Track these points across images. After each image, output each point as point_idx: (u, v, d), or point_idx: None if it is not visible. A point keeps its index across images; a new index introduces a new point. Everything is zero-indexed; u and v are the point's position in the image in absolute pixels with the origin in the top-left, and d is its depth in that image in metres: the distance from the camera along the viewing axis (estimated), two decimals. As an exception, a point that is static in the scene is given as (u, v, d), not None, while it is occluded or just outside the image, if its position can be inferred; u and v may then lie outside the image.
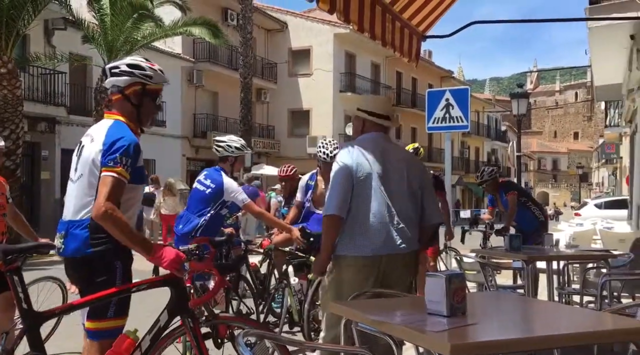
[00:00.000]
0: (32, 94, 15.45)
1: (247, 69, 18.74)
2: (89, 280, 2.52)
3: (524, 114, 13.59)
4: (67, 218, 2.57)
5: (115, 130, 2.53)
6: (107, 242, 2.48)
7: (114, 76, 2.62)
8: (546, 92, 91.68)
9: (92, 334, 2.55)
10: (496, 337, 1.90)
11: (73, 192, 2.59)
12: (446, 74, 37.91)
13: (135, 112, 2.65)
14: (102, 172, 2.43)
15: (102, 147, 2.48)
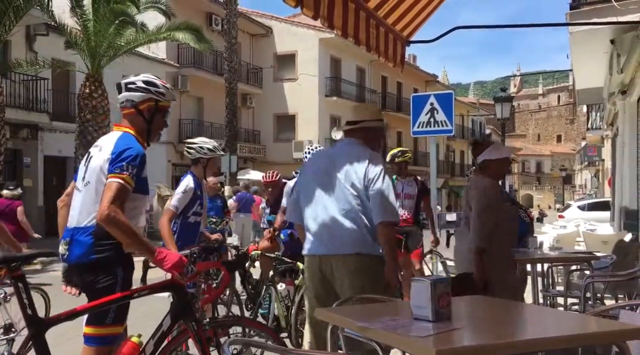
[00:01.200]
0: (14, 101, 15.26)
1: (232, 74, 18.70)
2: (93, 286, 2.58)
3: (508, 118, 13.72)
4: (72, 225, 2.64)
5: (123, 140, 2.64)
6: (111, 249, 2.57)
7: (129, 91, 2.72)
8: (529, 96, 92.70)
9: (89, 339, 2.58)
10: (481, 341, 1.91)
11: (79, 199, 2.66)
12: (431, 78, 38.18)
13: (146, 127, 2.78)
14: (108, 178, 2.53)
15: (110, 155, 2.58)
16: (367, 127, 3.24)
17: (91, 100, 14.75)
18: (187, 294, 2.76)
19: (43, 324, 2.47)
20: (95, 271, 2.57)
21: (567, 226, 10.07)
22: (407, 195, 6.33)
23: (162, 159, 21.29)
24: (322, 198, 3.11)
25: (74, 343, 5.37)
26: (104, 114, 15.01)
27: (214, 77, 23.14)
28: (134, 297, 2.66)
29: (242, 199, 12.55)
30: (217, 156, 4.37)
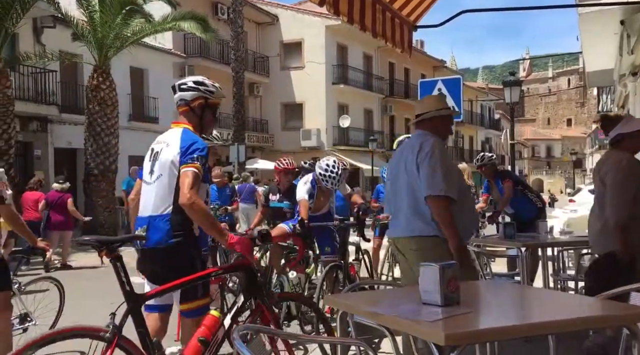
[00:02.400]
0: (23, 93, 15.33)
1: (239, 63, 18.68)
2: (171, 267, 2.84)
3: (517, 102, 13.59)
4: (147, 214, 2.91)
5: (186, 135, 2.93)
6: (186, 234, 2.84)
7: (182, 91, 3.04)
8: (539, 80, 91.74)
9: (186, 313, 2.92)
10: (490, 324, 1.91)
11: (152, 191, 2.93)
12: (438, 63, 37.87)
13: (199, 122, 3.05)
14: (182, 168, 2.80)
15: (179, 149, 2.86)
16: (430, 117, 3.42)
17: (99, 92, 14.80)
18: (255, 274, 3.04)
19: (139, 298, 2.75)
20: (173, 254, 2.83)
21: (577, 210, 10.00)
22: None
23: (171, 149, 21.37)
24: (393, 186, 3.45)
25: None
26: (112, 106, 15.07)
27: (220, 67, 23.10)
28: (212, 276, 3.03)
29: (241, 190, 12.87)
30: (213, 145, 4.32)
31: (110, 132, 15.02)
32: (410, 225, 3.25)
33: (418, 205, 3.22)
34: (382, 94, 31.23)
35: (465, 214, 3.27)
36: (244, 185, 13.74)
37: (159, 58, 21.00)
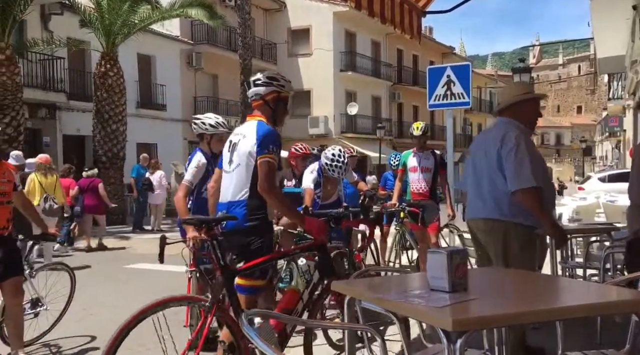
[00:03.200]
0: (31, 80, 15.38)
1: (247, 50, 18.58)
2: (246, 248, 3.09)
3: (527, 89, 13.46)
4: (226, 199, 3.20)
5: (261, 127, 3.15)
6: (261, 218, 3.11)
7: (256, 86, 3.25)
8: (549, 66, 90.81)
9: (240, 289, 3.10)
10: (498, 310, 1.91)
11: (231, 179, 3.20)
12: (447, 50, 37.54)
13: (272, 114, 3.27)
14: (259, 159, 3.04)
15: (255, 141, 3.09)
16: (516, 101, 3.42)
17: (107, 79, 14.81)
18: (329, 254, 3.32)
19: (233, 272, 3.03)
20: (249, 235, 3.09)
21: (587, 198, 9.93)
22: (424, 169, 6.30)
23: (178, 136, 21.41)
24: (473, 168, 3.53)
25: (96, 318, 5.53)
26: (120, 93, 15.09)
27: (228, 54, 23.04)
28: (284, 257, 3.41)
29: None
30: (220, 133, 4.32)
31: (118, 119, 15.06)
32: (486, 208, 3.40)
33: (494, 191, 3.34)
34: (390, 81, 31.05)
35: (545, 192, 3.34)
36: None
37: (167, 45, 20.97)
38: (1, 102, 12.37)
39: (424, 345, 2.62)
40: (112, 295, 6.56)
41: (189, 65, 22.20)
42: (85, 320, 5.33)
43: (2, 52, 12.38)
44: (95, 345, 4.53)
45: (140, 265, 8.56)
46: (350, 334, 2.44)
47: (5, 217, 3.78)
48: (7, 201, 3.80)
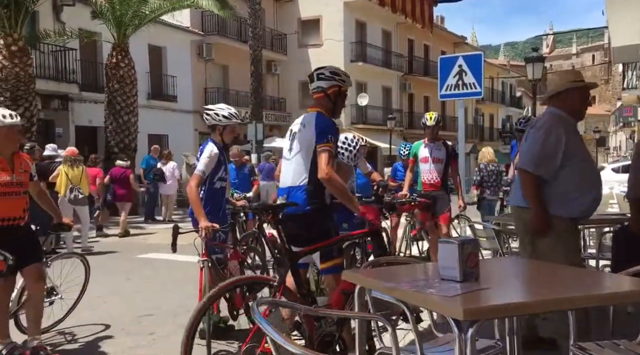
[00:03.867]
0: (44, 72, 15.49)
1: (257, 41, 18.56)
2: (308, 231, 3.30)
3: (540, 79, 13.31)
4: (286, 185, 3.42)
5: (321, 119, 3.38)
6: (320, 202, 3.32)
7: (320, 80, 3.48)
8: (562, 56, 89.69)
9: (325, 271, 3.37)
10: (509, 300, 1.90)
11: (291, 166, 3.43)
12: (459, 40, 37.23)
13: (332, 107, 3.48)
14: (319, 148, 3.25)
15: (315, 130, 3.31)
16: (564, 89, 3.47)
17: (118, 70, 14.87)
18: (383, 238, 3.57)
19: (295, 255, 3.24)
20: (309, 219, 3.29)
21: (599, 189, 9.83)
22: (436, 160, 6.26)
23: (189, 128, 21.49)
24: None
25: (110, 306, 5.59)
26: (131, 84, 15.15)
27: (238, 45, 23.02)
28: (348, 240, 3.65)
29: (262, 169, 13.25)
30: (232, 124, 4.31)
31: (129, 110, 15.13)
32: (515, 195, 3.56)
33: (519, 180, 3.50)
34: (401, 72, 30.86)
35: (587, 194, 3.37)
36: (264, 164, 14.02)
37: (177, 36, 20.99)
38: (14, 93, 12.47)
39: (435, 335, 2.62)
40: (125, 284, 6.63)
41: (199, 56, 22.22)
42: (99, 309, 5.39)
43: (15, 44, 12.46)
44: (108, 334, 4.59)
45: (152, 255, 8.63)
46: (360, 323, 2.45)
47: (22, 207, 3.84)
48: (23, 191, 3.86)
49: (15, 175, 3.78)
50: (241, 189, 7.44)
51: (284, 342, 1.67)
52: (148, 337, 4.53)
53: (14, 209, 3.77)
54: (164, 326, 4.82)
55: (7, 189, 3.73)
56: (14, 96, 12.46)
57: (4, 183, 3.72)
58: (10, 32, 12.43)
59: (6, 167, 3.75)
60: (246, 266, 4.79)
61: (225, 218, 4.41)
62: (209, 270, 3.95)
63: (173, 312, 5.21)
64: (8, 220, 3.74)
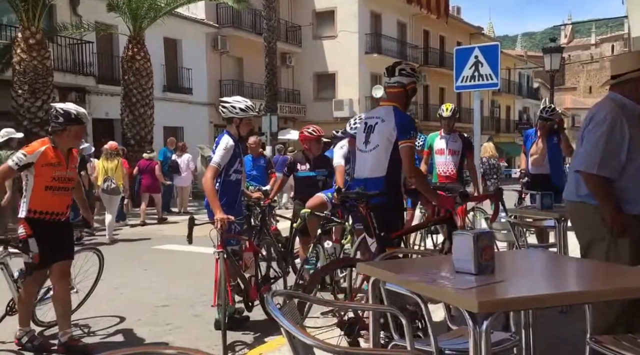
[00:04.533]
0: (61, 65, 15.64)
1: (271, 33, 18.52)
2: (385, 220, 3.48)
3: (557, 70, 13.12)
4: (364, 176, 3.62)
5: (399, 114, 3.53)
6: (395, 194, 3.55)
7: (401, 76, 3.61)
8: (581, 46, 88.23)
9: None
10: (525, 293, 1.89)
11: (368, 158, 3.61)
12: (475, 30, 36.79)
13: (407, 102, 3.66)
14: (402, 143, 3.43)
15: (395, 126, 3.47)
16: (628, 79, 3.08)
17: (134, 63, 14.96)
18: (456, 225, 3.73)
19: (387, 240, 3.43)
20: (385, 209, 3.47)
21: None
22: (452, 151, 6.22)
23: (204, 120, 21.58)
24: None
25: (126, 298, 5.66)
26: (147, 76, 15.23)
27: (253, 37, 23.01)
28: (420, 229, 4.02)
29: (276, 161, 13.35)
30: (249, 116, 4.31)
31: (145, 103, 15.23)
32: (567, 188, 3.42)
33: (572, 172, 3.34)
34: (416, 63, 30.61)
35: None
36: (278, 157, 14.09)
37: (192, 28, 21.04)
38: (33, 86, 12.61)
39: (449, 328, 2.62)
40: (142, 275, 6.71)
41: (214, 48, 22.26)
42: (116, 300, 5.46)
43: (32, 37, 12.59)
44: (125, 324, 4.65)
45: (168, 246, 8.72)
46: (374, 315, 2.45)
47: (67, 204, 3.90)
48: (71, 187, 3.91)
49: (68, 171, 3.84)
50: (257, 181, 7.46)
51: (298, 332, 1.68)
52: (164, 327, 4.59)
53: (61, 204, 3.83)
54: (180, 317, 4.87)
55: (60, 184, 3.78)
56: (32, 89, 12.60)
57: (58, 178, 3.76)
58: (28, 26, 12.55)
59: (63, 162, 3.80)
60: (260, 258, 4.81)
61: (241, 210, 4.43)
62: (225, 262, 3.97)
63: (189, 303, 5.26)
64: (53, 214, 3.78)
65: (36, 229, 3.72)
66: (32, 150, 3.72)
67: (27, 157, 3.69)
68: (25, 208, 3.75)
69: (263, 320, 4.42)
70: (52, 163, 3.73)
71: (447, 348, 2.24)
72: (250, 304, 4.42)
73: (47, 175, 3.72)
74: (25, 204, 3.75)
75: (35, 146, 3.76)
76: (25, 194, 3.77)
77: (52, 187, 3.75)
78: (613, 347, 2.25)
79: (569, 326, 3.68)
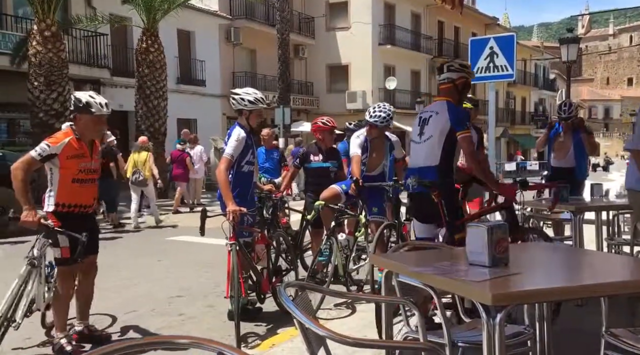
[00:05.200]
0: (76, 57, 15.75)
1: (284, 25, 18.49)
2: (435, 207, 3.60)
3: (574, 61, 12.93)
4: (418, 165, 3.78)
5: (453, 108, 3.71)
6: (448, 183, 3.70)
7: (449, 71, 3.79)
8: (599, 37, 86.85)
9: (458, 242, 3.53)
10: (539, 285, 1.87)
11: (422, 148, 3.77)
12: (491, 21, 36.34)
13: (459, 97, 3.82)
14: (460, 135, 3.60)
15: (449, 118, 3.64)
16: None
17: (148, 55, 15.02)
18: (515, 213, 3.87)
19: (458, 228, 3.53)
20: (438, 197, 3.60)
21: (635, 174, 9.54)
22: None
23: (217, 112, 21.64)
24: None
25: (140, 287, 5.71)
26: (160, 68, 15.29)
27: (266, 29, 22.97)
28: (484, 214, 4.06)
29: (295, 153, 13.34)
30: (258, 108, 4.29)
31: (159, 94, 15.30)
32: (629, 178, 3.58)
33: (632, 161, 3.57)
34: (430, 55, 30.37)
35: None
36: (297, 149, 14.15)
37: (205, 20, 21.05)
38: (48, 78, 12.73)
39: (462, 320, 2.60)
40: (156, 266, 6.77)
41: (227, 40, 22.26)
42: (131, 290, 5.52)
43: (48, 29, 12.68)
44: (139, 314, 4.70)
45: (181, 238, 8.78)
46: (387, 306, 2.44)
47: (93, 195, 3.78)
48: (97, 178, 3.81)
49: (93, 162, 3.71)
50: (270, 174, 7.46)
51: (310, 323, 1.68)
52: (177, 317, 4.62)
53: (89, 196, 3.71)
54: (193, 307, 4.91)
55: (86, 176, 3.66)
56: (47, 81, 12.72)
57: (84, 169, 3.63)
58: (43, 18, 12.65)
59: (86, 152, 3.66)
60: (273, 251, 4.82)
61: (253, 202, 4.44)
62: (237, 254, 3.98)
63: (202, 294, 5.30)
64: (81, 207, 3.66)
65: (64, 222, 3.57)
66: (57, 142, 3.55)
67: (51, 148, 3.51)
68: (52, 202, 3.60)
69: (275, 312, 4.44)
70: (77, 154, 3.59)
71: (460, 340, 2.23)
72: (262, 296, 4.43)
73: (74, 168, 3.59)
74: (52, 197, 3.60)
75: (59, 137, 3.58)
76: (51, 188, 3.62)
77: (79, 180, 3.62)
78: (629, 340, 2.22)
79: (584, 319, 3.64)
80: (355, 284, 5.09)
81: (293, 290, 3.17)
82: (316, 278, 4.85)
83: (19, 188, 3.46)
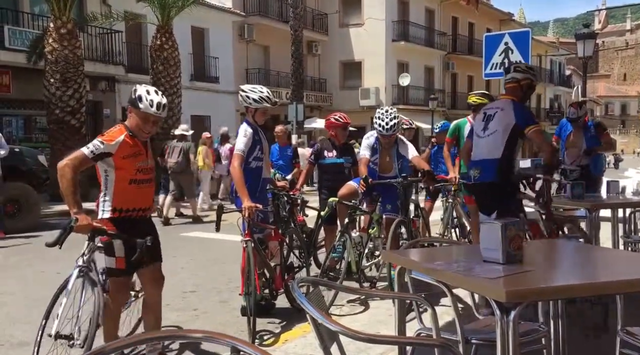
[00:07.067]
0: (91, 54, 15.90)
1: (298, 21, 18.47)
2: (494, 197, 3.93)
3: (591, 56, 12.74)
4: (480, 158, 4.08)
5: (518, 106, 4.01)
6: (510, 175, 3.95)
7: (516, 72, 4.09)
8: (616, 32, 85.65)
9: None
10: (553, 283, 1.85)
11: (485, 142, 4.06)
12: (506, 16, 36.00)
13: (523, 96, 4.12)
14: (531, 129, 3.89)
15: (514, 115, 3.93)
16: None
17: (162, 52, 15.11)
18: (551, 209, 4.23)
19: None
20: (496, 189, 3.93)
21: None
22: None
23: (231, 109, 21.69)
24: None
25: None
26: (175, 66, 15.38)
27: (279, 25, 22.98)
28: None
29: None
30: (263, 107, 4.29)
31: (173, 91, 15.40)
32: None
33: None
34: (444, 51, 30.18)
35: None
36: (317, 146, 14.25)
37: (219, 17, 21.11)
38: (64, 75, 12.86)
39: (476, 317, 2.59)
40: (171, 261, 6.76)
41: (240, 37, 22.31)
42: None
43: (64, 26, 12.81)
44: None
45: (197, 234, 8.84)
46: (400, 303, 2.44)
47: (151, 196, 3.44)
48: (154, 177, 3.39)
49: (149, 160, 3.30)
50: (284, 170, 7.47)
51: (323, 319, 1.68)
52: (192, 312, 4.66)
53: (147, 197, 3.33)
54: (207, 302, 4.95)
55: (144, 176, 3.23)
56: (63, 78, 12.85)
57: (142, 169, 3.21)
58: (59, 15, 12.78)
59: (142, 150, 3.24)
60: (285, 247, 4.83)
61: (264, 198, 4.45)
62: (252, 250, 3.99)
63: (216, 289, 5.34)
64: (140, 210, 3.25)
65: (122, 229, 3.14)
66: (111, 139, 3.10)
67: (105, 145, 3.07)
68: (108, 207, 3.16)
69: (287, 308, 4.45)
70: (133, 153, 3.17)
71: (474, 337, 2.22)
72: (275, 293, 4.45)
73: (131, 168, 3.16)
74: (107, 202, 3.17)
75: (114, 134, 3.14)
76: (105, 192, 3.18)
77: (137, 180, 3.19)
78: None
79: (599, 317, 3.61)
80: (368, 281, 5.09)
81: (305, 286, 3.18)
82: (329, 274, 4.86)
83: (66, 188, 2.98)
